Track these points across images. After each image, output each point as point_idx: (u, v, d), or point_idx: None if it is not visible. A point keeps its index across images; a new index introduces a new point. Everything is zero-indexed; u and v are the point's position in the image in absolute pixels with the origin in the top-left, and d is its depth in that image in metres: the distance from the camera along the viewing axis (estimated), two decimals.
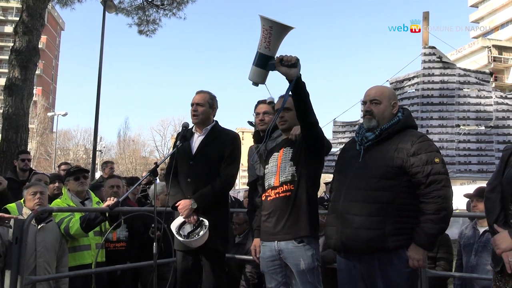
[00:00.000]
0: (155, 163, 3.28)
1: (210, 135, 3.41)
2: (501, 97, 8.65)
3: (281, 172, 2.86)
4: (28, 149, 9.16)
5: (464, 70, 9.02)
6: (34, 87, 9.10)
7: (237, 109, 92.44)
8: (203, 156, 3.34)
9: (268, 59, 2.56)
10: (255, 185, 3.48)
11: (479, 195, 3.83)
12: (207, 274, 3.28)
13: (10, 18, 50.49)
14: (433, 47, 8.85)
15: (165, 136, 49.26)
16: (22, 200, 3.75)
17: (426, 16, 8.90)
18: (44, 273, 3.53)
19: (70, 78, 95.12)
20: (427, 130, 8.40)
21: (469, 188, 5.43)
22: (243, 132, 49.28)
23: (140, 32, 12.05)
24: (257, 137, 3.48)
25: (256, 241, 3.05)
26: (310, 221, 2.77)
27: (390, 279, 2.42)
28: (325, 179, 8.97)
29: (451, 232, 4.64)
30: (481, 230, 3.90)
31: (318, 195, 3.42)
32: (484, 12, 51.90)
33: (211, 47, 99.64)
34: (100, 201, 4.22)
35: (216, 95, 3.53)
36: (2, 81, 11.64)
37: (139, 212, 4.26)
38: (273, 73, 2.61)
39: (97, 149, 16.80)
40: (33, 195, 3.65)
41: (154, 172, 3.21)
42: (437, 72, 8.76)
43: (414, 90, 8.90)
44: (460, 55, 39.30)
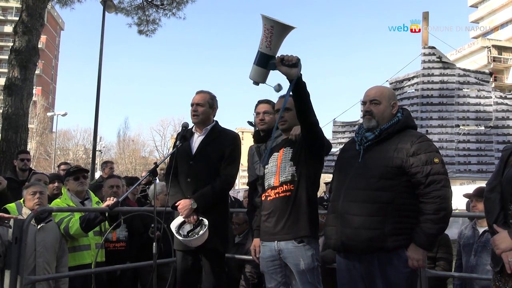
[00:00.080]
0: (155, 163, 3.29)
1: (210, 135, 3.41)
2: (501, 97, 8.66)
3: (281, 172, 2.86)
4: (28, 149, 9.15)
5: (464, 70, 9.03)
6: (34, 87, 9.10)
7: (237, 109, 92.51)
8: (203, 156, 3.34)
9: (269, 59, 2.56)
10: (255, 185, 3.48)
11: (479, 195, 3.83)
12: (207, 274, 3.28)
13: (10, 18, 50.42)
14: (433, 47, 8.86)
15: (165, 136, 49.32)
16: (22, 200, 3.75)
17: (426, 16, 8.92)
18: (44, 273, 3.53)
19: (70, 78, 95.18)
20: (427, 130, 8.41)
21: (469, 188, 5.43)
22: (243, 132, 49.32)
23: (140, 32, 12.06)
24: (257, 137, 3.48)
25: (256, 241, 3.05)
26: (310, 221, 2.77)
27: (390, 279, 2.42)
28: (325, 179, 8.99)
29: (451, 232, 4.65)
30: (481, 230, 3.90)
31: (318, 195, 3.42)
32: (484, 12, 51.92)
33: (211, 47, 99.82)
34: (100, 201, 4.21)
35: (216, 95, 3.53)
36: (2, 81, 11.63)
37: (139, 212, 4.26)
38: (274, 73, 2.61)
39: (97, 149, 16.78)
40: (33, 195, 3.65)
41: (154, 172, 3.22)
42: (437, 72, 8.77)
43: (414, 90, 8.92)
44: (460, 55, 39.33)
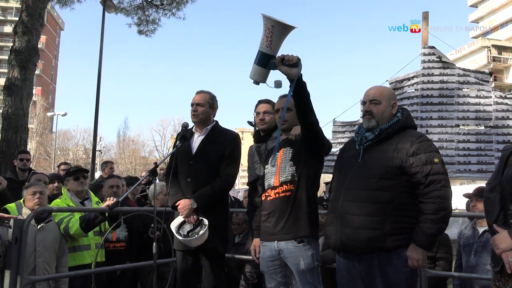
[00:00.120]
0: (155, 163, 3.29)
1: (210, 135, 3.41)
2: (501, 97, 8.66)
3: (281, 172, 2.86)
4: (28, 149, 9.15)
5: (464, 70, 9.03)
6: (34, 87, 9.10)
7: (237, 109, 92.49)
8: (203, 156, 3.34)
9: (270, 58, 2.56)
10: (255, 185, 3.48)
11: (479, 195, 3.83)
12: (207, 274, 3.27)
13: (10, 18, 50.44)
14: (433, 47, 8.86)
15: (165, 136, 49.31)
16: (22, 200, 3.75)
17: (426, 16, 8.92)
18: (44, 273, 3.53)
19: (70, 78, 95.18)
20: (427, 130, 8.41)
21: (469, 188, 5.42)
22: (243, 132, 49.33)
23: (140, 32, 12.07)
24: (257, 137, 3.48)
25: (256, 241, 3.05)
26: (310, 221, 2.77)
27: (390, 279, 2.42)
28: (325, 179, 8.99)
29: (451, 232, 4.65)
30: (481, 230, 3.90)
31: (318, 195, 3.42)
32: (484, 12, 51.93)
33: (211, 47, 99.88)
34: (100, 201, 4.21)
35: (216, 95, 3.53)
36: (2, 81, 11.63)
37: (139, 212, 4.26)
38: (274, 72, 2.61)
39: (97, 149, 16.77)
40: (33, 195, 3.65)
41: (154, 172, 3.22)
42: (437, 72, 8.77)
43: (414, 90, 8.92)
44: (460, 55, 39.37)
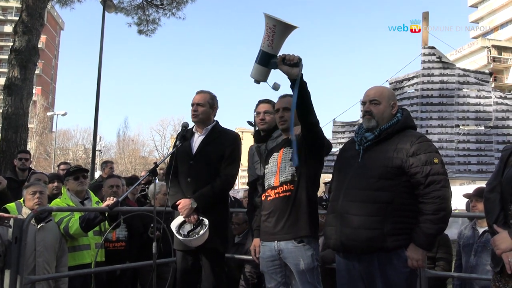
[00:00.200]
0: (155, 163, 3.29)
1: (211, 135, 3.40)
2: (501, 97, 8.65)
3: (281, 172, 2.86)
4: (28, 149, 9.15)
5: (464, 70, 9.03)
6: (34, 87, 9.10)
7: (237, 109, 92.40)
8: (203, 156, 3.34)
9: (271, 57, 2.56)
10: (255, 185, 3.47)
11: (479, 195, 3.83)
12: (207, 274, 3.27)
13: (10, 18, 50.43)
14: (433, 47, 8.85)
15: (165, 136, 49.27)
16: (22, 200, 3.75)
17: (426, 16, 8.91)
18: (44, 273, 3.53)
19: (70, 78, 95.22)
20: (427, 130, 8.41)
21: (469, 188, 5.42)
22: (243, 132, 49.28)
23: (140, 32, 12.08)
24: (258, 137, 3.48)
25: (256, 241, 3.05)
26: (310, 221, 2.77)
27: (389, 279, 2.42)
28: (324, 179, 8.99)
29: (451, 232, 4.65)
30: (481, 230, 3.90)
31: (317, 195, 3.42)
32: (484, 12, 51.94)
33: (211, 47, 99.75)
34: (100, 201, 4.21)
35: (216, 95, 3.53)
36: (2, 81, 11.63)
37: (139, 212, 4.26)
38: (275, 72, 2.61)
39: (97, 149, 16.78)
40: (33, 195, 3.65)
41: (154, 172, 3.22)
42: (437, 72, 8.77)
43: (414, 90, 8.91)
44: (460, 55, 39.34)
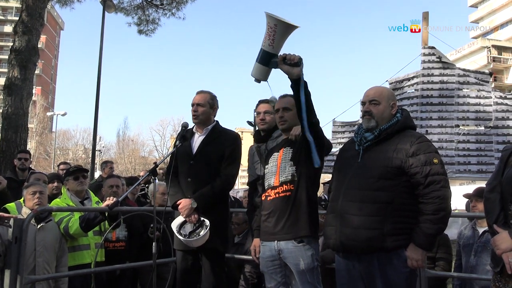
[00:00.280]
0: (155, 163, 3.29)
1: (211, 135, 3.40)
2: (501, 97, 8.66)
3: (281, 172, 2.86)
4: (28, 149, 9.16)
5: (464, 70, 9.04)
6: (34, 87, 9.10)
7: (237, 109, 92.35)
8: (204, 156, 3.34)
9: (271, 57, 2.57)
10: (255, 185, 3.48)
11: (479, 195, 3.83)
12: (207, 274, 3.27)
13: (10, 18, 50.42)
14: (433, 47, 8.86)
15: (164, 136, 49.22)
16: (22, 200, 3.75)
17: (426, 16, 8.92)
18: (44, 273, 3.53)
19: (70, 78, 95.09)
20: (427, 130, 8.41)
21: (469, 188, 5.42)
22: (243, 132, 49.25)
23: (140, 32, 12.09)
24: (258, 137, 3.48)
25: (256, 241, 3.05)
26: (310, 221, 2.77)
27: (389, 279, 2.42)
28: (323, 179, 8.99)
29: (450, 233, 4.65)
30: (481, 231, 3.90)
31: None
32: (484, 12, 51.94)
33: (211, 47, 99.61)
34: (100, 201, 4.21)
35: (216, 95, 3.52)
36: (2, 81, 11.63)
37: (139, 212, 4.26)
38: (276, 71, 2.62)
39: (96, 149, 16.79)
40: (33, 195, 3.65)
41: (154, 172, 3.22)
42: (437, 72, 8.77)
43: (414, 90, 8.92)
44: (460, 55, 39.35)
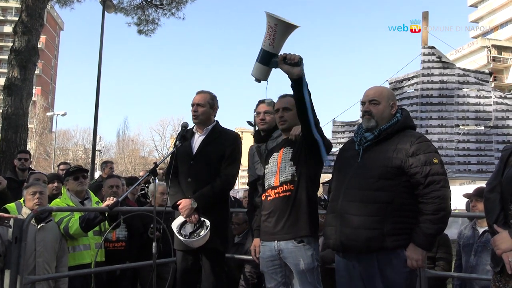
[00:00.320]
0: (155, 163, 3.29)
1: (211, 135, 3.40)
2: (501, 97, 8.66)
3: (281, 172, 2.86)
4: (28, 149, 9.16)
5: (464, 70, 9.04)
6: (33, 87, 9.10)
7: (237, 109, 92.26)
8: (204, 156, 3.33)
9: (272, 56, 2.56)
10: (255, 185, 3.48)
11: (479, 195, 3.83)
12: (207, 274, 3.27)
13: (10, 18, 50.43)
14: (433, 47, 8.86)
15: (164, 136, 49.21)
16: (22, 200, 3.75)
17: (426, 16, 8.92)
18: (44, 273, 3.53)
19: (69, 78, 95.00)
20: (427, 130, 8.41)
21: (469, 188, 5.41)
22: (242, 132, 49.24)
23: (140, 32, 12.09)
24: (258, 137, 3.48)
25: (256, 241, 3.05)
26: (310, 221, 2.77)
27: (389, 279, 2.42)
28: (323, 179, 8.99)
29: (450, 232, 4.65)
30: (481, 230, 3.90)
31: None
32: (484, 12, 51.96)
33: (211, 47, 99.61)
34: (100, 201, 4.21)
35: (216, 95, 3.52)
36: (2, 81, 11.63)
37: (139, 212, 4.26)
38: (276, 71, 2.61)
39: (96, 149, 16.79)
40: (33, 195, 3.65)
41: (154, 172, 3.22)
42: (437, 72, 8.77)
43: (414, 90, 8.92)
44: (460, 55, 39.40)
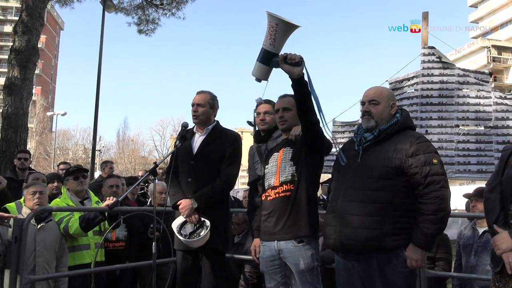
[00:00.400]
0: (155, 163, 3.29)
1: (211, 135, 3.40)
2: (500, 97, 8.65)
3: (281, 172, 2.86)
4: (28, 149, 9.17)
5: (464, 70, 9.02)
6: (34, 87, 9.10)
7: (237, 109, 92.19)
8: (204, 156, 3.33)
9: (273, 56, 2.56)
10: (255, 185, 3.48)
11: (479, 195, 3.83)
12: (207, 274, 3.27)
13: (10, 18, 50.38)
14: (433, 47, 8.85)
15: (164, 136, 49.19)
16: (22, 200, 3.75)
17: (426, 16, 8.91)
18: (44, 273, 3.53)
19: (70, 78, 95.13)
20: (426, 130, 8.40)
21: (468, 188, 5.42)
22: (242, 132, 49.23)
23: (140, 32, 12.09)
24: (258, 137, 3.48)
25: (256, 241, 3.05)
26: (310, 221, 2.77)
27: (388, 279, 2.42)
28: (323, 179, 8.99)
29: (450, 233, 4.66)
30: (481, 231, 3.90)
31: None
32: (484, 12, 51.96)
33: (211, 47, 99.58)
34: (100, 201, 4.21)
35: (216, 95, 3.52)
36: (2, 81, 11.63)
37: (138, 212, 4.27)
38: (277, 70, 2.61)
39: (96, 149, 16.79)
40: (33, 195, 3.65)
41: (154, 172, 3.22)
42: (437, 72, 8.76)
43: (414, 90, 8.91)
44: (460, 55, 39.34)
